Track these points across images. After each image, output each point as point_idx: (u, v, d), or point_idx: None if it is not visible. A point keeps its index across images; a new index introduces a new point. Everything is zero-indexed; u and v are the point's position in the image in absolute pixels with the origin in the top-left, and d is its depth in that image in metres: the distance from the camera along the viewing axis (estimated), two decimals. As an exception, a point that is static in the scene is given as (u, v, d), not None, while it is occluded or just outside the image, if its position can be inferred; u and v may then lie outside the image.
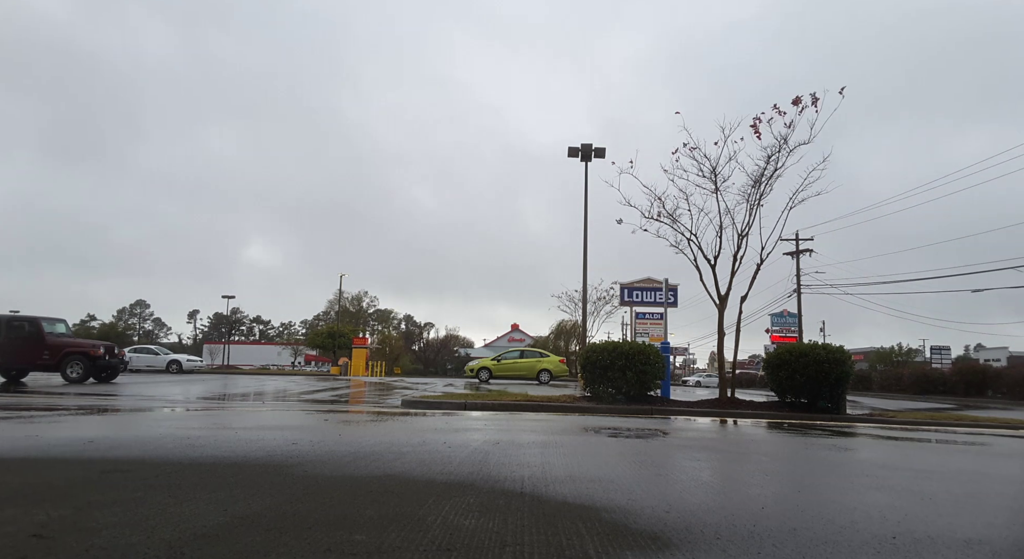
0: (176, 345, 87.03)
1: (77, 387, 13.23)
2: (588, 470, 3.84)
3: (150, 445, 4.41)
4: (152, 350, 33.05)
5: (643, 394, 10.87)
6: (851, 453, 5.71)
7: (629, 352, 10.74)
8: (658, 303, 19.31)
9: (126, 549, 1.99)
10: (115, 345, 17.15)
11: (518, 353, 25.86)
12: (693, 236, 11.41)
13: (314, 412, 8.38)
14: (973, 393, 26.62)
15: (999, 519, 2.96)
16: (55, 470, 3.37)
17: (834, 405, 10.31)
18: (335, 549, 2.05)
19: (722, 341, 11.84)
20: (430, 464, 3.83)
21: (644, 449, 5.15)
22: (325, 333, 51.72)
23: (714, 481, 3.81)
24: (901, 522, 2.69)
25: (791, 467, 4.65)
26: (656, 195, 11.50)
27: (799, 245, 36.43)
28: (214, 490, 2.90)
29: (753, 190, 11.04)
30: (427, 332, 75.83)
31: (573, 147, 20.88)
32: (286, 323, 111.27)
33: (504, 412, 9.04)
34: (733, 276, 11.25)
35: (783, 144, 10.58)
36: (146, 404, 8.97)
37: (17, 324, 15.26)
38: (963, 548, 2.33)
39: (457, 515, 2.56)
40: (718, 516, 2.69)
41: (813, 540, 2.35)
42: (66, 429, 5.47)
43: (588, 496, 3.03)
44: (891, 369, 38.26)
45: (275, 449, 4.29)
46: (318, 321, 73.03)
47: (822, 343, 11.21)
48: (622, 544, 2.22)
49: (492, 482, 3.31)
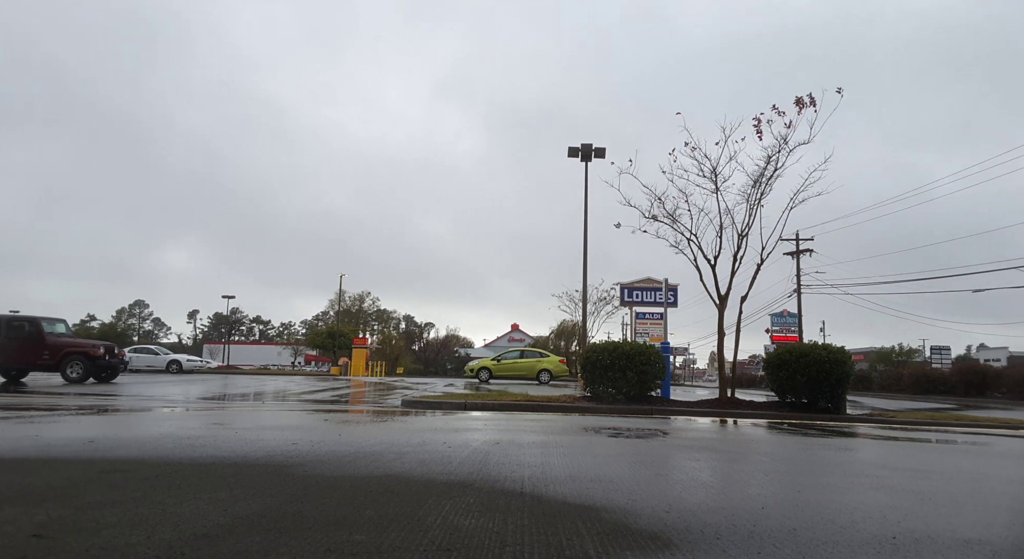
0: (176, 345, 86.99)
1: (77, 387, 13.23)
2: (588, 470, 3.84)
3: (150, 445, 4.41)
4: (152, 350, 33.05)
5: (643, 394, 10.87)
6: (851, 453, 5.71)
7: (629, 352, 10.73)
8: (658, 303, 19.32)
9: (126, 549, 1.99)
10: (115, 345, 17.15)
11: (518, 353, 25.86)
12: (693, 236, 11.42)
13: (314, 412, 8.38)
14: (973, 393, 26.59)
15: (999, 519, 2.96)
16: (55, 470, 3.37)
17: (834, 405, 10.30)
18: (335, 549, 2.05)
19: (722, 341, 11.84)
20: (430, 464, 3.83)
21: (644, 449, 5.15)
22: (325, 333, 51.73)
23: (714, 481, 3.81)
24: (901, 522, 2.69)
25: (791, 467, 4.65)
26: (656, 195, 11.51)
27: (799, 245, 36.43)
28: (214, 490, 2.90)
29: (753, 190, 11.04)
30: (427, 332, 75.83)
31: (573, 147, 20.81)
32: (286, 323, 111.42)
33: (504, 412, 9.04)
34: (733, 276, 11.25)
35: (783, 144, 10.59)
36: (146, 404, 8.97)
37: (17, 324, 15.26)
38: (963, 548, 2.33)
39: (457, 515, 2.56)
40: (718, 516, 2.69)
41: (813, 540, 2.35)
42: (66, 429, 5.47)
43: (588, 496, 3.03)
44: (891, 369, 38.26)
45: (275, 449, 4.29)
46: (318, 321, 73.07)
47: (822, 343, 11.21)
48: (622, 544, 2.22)
49: (492, 482, 3.31)
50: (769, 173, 10.88)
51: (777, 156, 10.73)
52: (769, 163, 10.82)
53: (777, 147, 10.65)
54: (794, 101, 10.21)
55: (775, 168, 10.83)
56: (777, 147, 10.65)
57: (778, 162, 10.77)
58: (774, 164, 10.80)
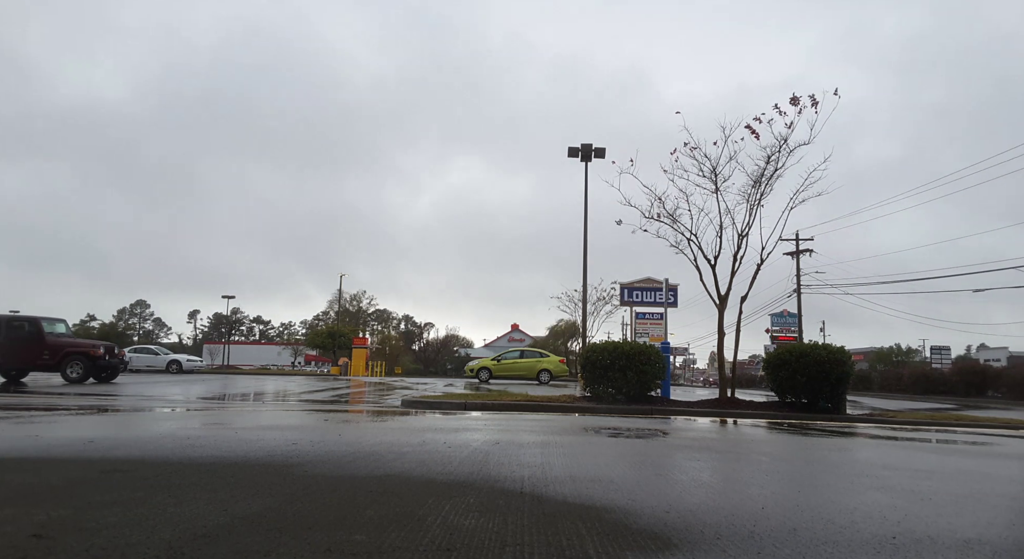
0: (176, 345, 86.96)
1: (77, 387, 13.23)
2: (588, 470, 3.84)
3: (150, 445, 4.41)
4: (152, 350, 33.03)
5: (643, 394, 10.87)
6: (851, 453, 5.71)
7: (629, 352, 10.73)
8: (658, 303, 19.31)
9: (126, 549, 1.99)
10: (115, 345, 17.14)
11: (518, 353, 25.86)
12: (693, 236, 11.42)
13: (314, 412, 8.38)
14: (973, 393, 26.61)
15: (999, 519, 2.96)
16: (55, 470, 3.37)
17: (834, 405, 10.31)
18: (335, 549, 2.05)
19: (722, 341, 11.84)
20: (430, 464, 3.83)
21: (644, 449, 5.15)
22: (325, 333, 51.70)
23: (714, 481, 3.81)
24: (901, 522, 2.69)
25: (791, 467, 4.65)
26: (656, 195, 11.51)
27: (799, 245, 36.44)
28: (214, 490, 2.90)
29: (753, 190, 11.05)
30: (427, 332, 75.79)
31: (573, 147, 20.80)
32: (286, 323, 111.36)
33: (504, 412, 9.04)
34: (733, 276, 11.25)
35: (783, 144, 10.60)
36: (146, 404, 8.97)
37: (17, 324, 15.26)
38: (963, 548, 2.33)
39: (457, 515, 2.56)
40: (718, 516, 2.69)
41: (813, 540, 2.35)
42: (66, 429, 5.47)
43: (588, 496, 3.03)
44: (891, 369, 38.31)
45: (275, 449, 4.29)
46: (318, 321, 73.01)
47: (822, 343, 11.21)
48: (622, 544, 2.22)
49: (492, 482, 3.31)
50: (769, 173, 10.90)
51: (777, 156, 10.74)
52: (769, 163, 10.84)
53: (777, 147, 10.66)
54: (790, 100, 10.24)
55: (775, 168, 10.84)
56: (777, 147, 10.66)
57: (778, 162, 10.79)
58: (774, 164, 10.82)
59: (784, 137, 10.51)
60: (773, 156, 10.76)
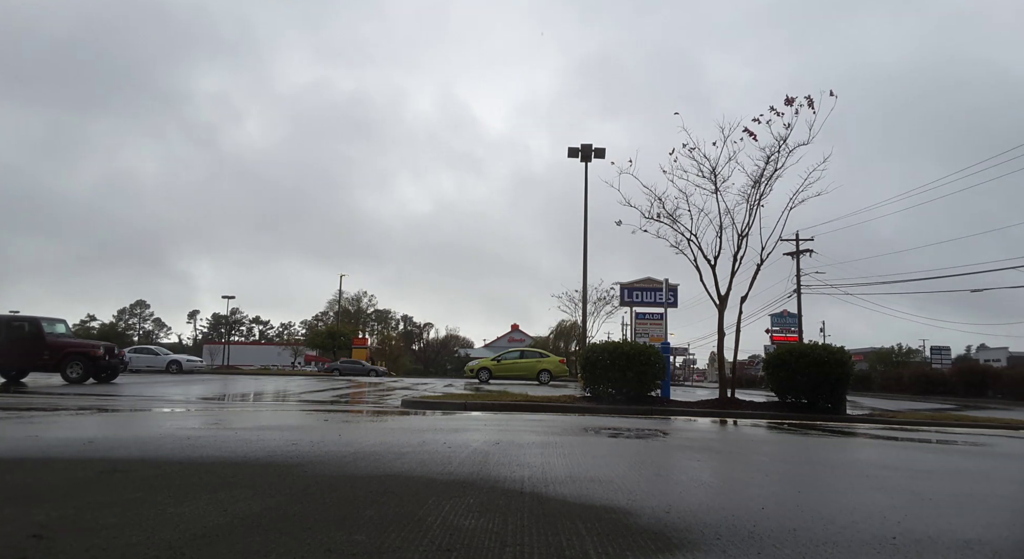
0: (176, 345, 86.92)
1: (77, 387, 13.23)
2: (588, 470, 3.84)
3: (150, 445, 4.41)
4: (152, 350, 33.04)
5: (643, 394, 10.87)
6: (851, 453, 5.71)
7: (629, 352, 10.73)
8: (658, 303, 19.32)
9: (126, 549, 1.99)
10: (115, 345, 17.14)
11: (518, 353, 25.87)
12: (693, 236, 11.42)
13: (314, 412, 8.39)
14: (973, 393, 26.59)
15: (999, 519, 2.96)
16: (55, 470, 3.37)
17: (834, 405, 10.30)
18: (335, 549, 2.05)
19: (722, 341, 11.84)
20: (430, 464, 3.83)
21: (644, 449, 5.15)
22: (325, 333, 51.73)
23: (714, 481, 3.81)
24: (901, 522, 2.69)
25: (791, 467, 4.65)
26: (656, 195, 11.51)
27: (799, 245, 36.44)
28: (214, 490, 2.90)
29: (753, 190, 11.04)
30: (427, 332, 75.80)
31: (573, 147, 20.86)
32: (286, 323, 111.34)
33: (504, 412, 9.04)
34: (733, 276, 11.24)
35: (782, 144, 10.60)
36: (146, 404, 8.97)
37: (17, 324, 15.24)
38: (963, 548, 2.33)
39: (457, 515, 2.56)
40: (718, 516, 2.69)
41: (813, 540, 2.35)
42: (66, 429, 5.47)
43: (588, 496, 3.03)
44: (891, 369, 38.30)
45: (275, 449, 4.29)
46: (318, 321, 73.02)
47: (822, 343, 11.22)
48: (622, 544, 2.22)
49: (492, 482, 3.31)
50: (769, 173, 10.90)
51: (776, 156, 10.75)
52: (768, 163, 10.84)
53: (776, 147, 10.66)
54: (785, 101, 10.24)
55: (775, 168, 10.84)
56: (776, 147, 10.66)
57: (778, 162, 10.79)
58: (774, 164, 10.82)
59: (783, 137, 10.51)
60: (772, 156, 10.76)
